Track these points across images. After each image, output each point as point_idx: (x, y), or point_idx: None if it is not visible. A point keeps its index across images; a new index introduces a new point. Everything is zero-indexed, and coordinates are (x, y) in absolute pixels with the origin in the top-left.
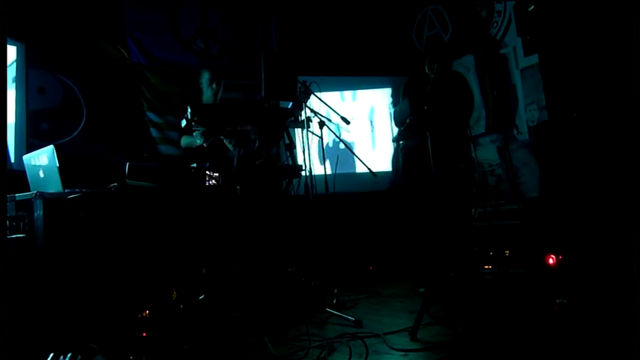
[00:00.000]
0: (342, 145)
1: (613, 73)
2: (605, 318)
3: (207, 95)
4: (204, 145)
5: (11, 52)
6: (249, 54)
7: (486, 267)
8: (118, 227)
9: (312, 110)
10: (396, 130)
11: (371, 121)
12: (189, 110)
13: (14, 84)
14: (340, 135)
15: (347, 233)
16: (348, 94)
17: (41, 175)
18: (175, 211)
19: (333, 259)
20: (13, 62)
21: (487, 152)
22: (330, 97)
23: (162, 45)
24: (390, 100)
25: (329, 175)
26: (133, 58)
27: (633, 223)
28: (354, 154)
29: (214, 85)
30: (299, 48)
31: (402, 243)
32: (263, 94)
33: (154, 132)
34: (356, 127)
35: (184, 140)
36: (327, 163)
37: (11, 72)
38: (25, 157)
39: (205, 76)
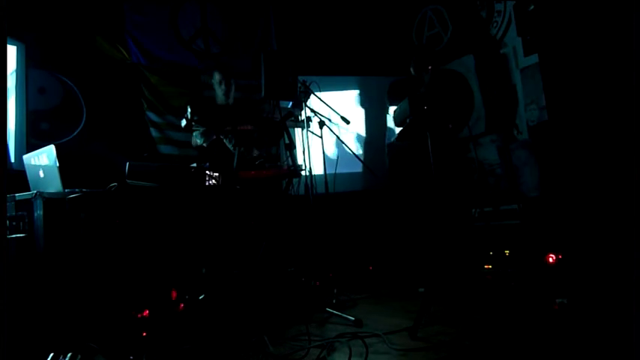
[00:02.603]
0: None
1: (613, 73)
2: (605, 318)
3: (218, 95)
4: (204, 145)
5: (11, 52)
6: (249, 54)
7: (486, 267)
8: (118, 227)
9: (312, 110)
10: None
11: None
12: (189, 110)
13: (14, 87)
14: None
15: (347, 233)
16: (348, 93)
17: (41, 175)
18: (175, 210)
19: (333, 259)
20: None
21: (487, 152)
22: (331, 97)
23: (162, 45)
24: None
25: (329, 174)
26: (133, 58)
27: (633, 222)
28: (354, 154)
29: (223, 86)
30: (299, 48)
31: (402, 243)
32: (263, 94)
33: (153, 132)
34: (355, 126)
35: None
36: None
37: (11, 79)
38: (25, 157)
39: (215, 77)
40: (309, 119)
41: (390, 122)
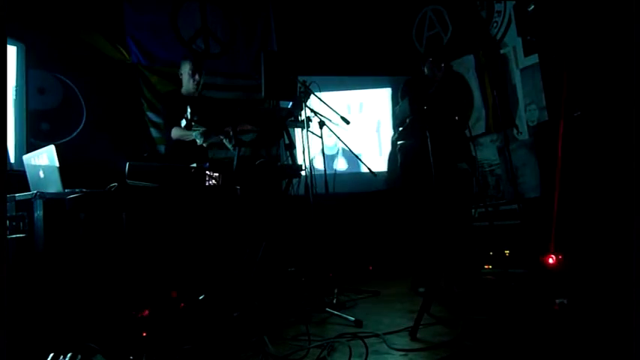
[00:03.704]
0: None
1: (613, 73)
2: (605, 318)
3: (187, 87)
4: (204, 145)
5: (11, 52)
6: (249, 54)
7: (486, 267)
8: (118, 227)
9: (312, 110)
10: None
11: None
12: (189, 110)
13: (14, 87)
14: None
15: (347, 233)
16: (348, 94)
17: (41, 175)
18: (175, 211)
19: (333, 259)
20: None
21: (487, 152)
22: (331, 97)
23: (163, 45)
24: (390, 100)
25: (329, 175)
26: (133, 58)
27: (633, 222)
28: (354, 154)
29: (197, 76)
30: (299, 48)
31: (401, 243)
32: (263, 94)
33: (153, 132)
34: (355, 126)
35: (176, 132)
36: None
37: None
38: (25, 157)
39: (186, 67)
40: (309, 119)
41: None
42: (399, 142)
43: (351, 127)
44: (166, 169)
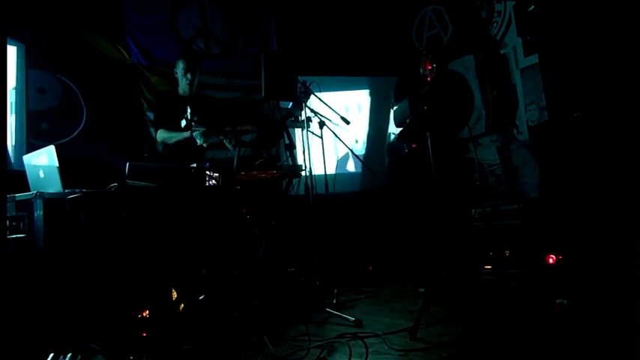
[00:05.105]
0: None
1: (613, 73)
2: (605, 318)
3: (182, 86)
4: (204, 145)
5: (11, 52)
6: (249, 54)
7: (486, 267)
8: (118, 227)
9: (312, 110)
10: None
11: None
12: (188, 110)
13: (15, 85)
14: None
15: (347, 233)
16: (348, 93)
17: (41, 175)
18: (175, 211)
19: (333, 259)
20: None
21: (487, 152)
22: (331, 97)
23: (162, 45)
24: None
25: (329, 175)
26: (133, 58)
27: (633, 222)
28: (354, 154)
29: (189, 75)
30: (299, 48)
31: (401, 243)
32: (263, 94)
33: (153, 132)
34: (355, 126)
35: (161, 135)
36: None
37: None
38: (25, 157)
39: (180, 66)
40: (309, 119)
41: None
42: (387, 143)
43: (352, 128)
44: (166, 169)
